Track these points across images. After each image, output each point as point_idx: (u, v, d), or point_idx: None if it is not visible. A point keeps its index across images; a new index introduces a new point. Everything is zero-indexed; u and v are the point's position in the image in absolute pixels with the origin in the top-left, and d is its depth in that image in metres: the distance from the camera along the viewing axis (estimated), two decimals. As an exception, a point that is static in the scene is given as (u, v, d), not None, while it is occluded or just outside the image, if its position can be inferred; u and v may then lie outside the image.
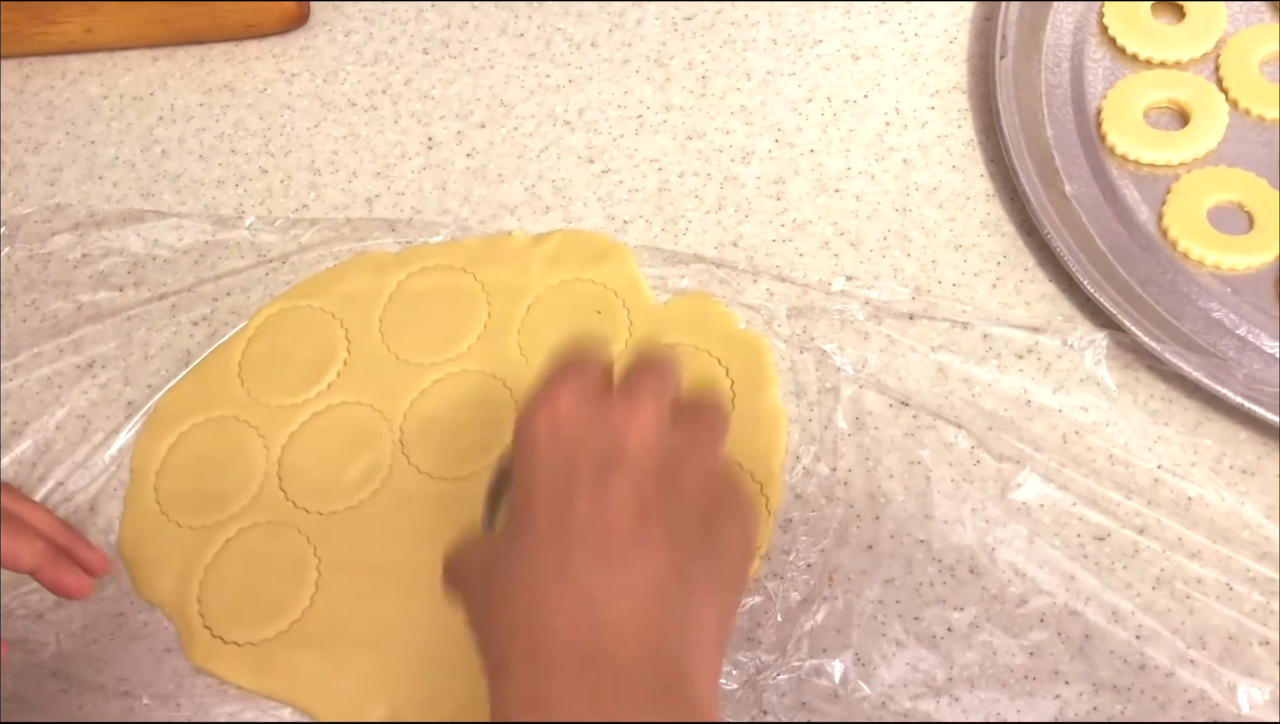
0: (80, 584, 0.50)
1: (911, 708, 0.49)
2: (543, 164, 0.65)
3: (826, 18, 0.68)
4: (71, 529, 0.51)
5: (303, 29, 0.71)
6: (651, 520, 0.37)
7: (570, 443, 0.39)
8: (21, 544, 0.48)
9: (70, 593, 0.49)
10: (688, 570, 0.37)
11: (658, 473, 0.38)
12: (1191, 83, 0.61)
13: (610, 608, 0.36)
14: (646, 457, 0.38)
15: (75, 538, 0.51)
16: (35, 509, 0.50)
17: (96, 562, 0.51)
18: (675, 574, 0.37)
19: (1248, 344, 0.55)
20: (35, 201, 0.66)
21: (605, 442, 0.39)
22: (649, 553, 0.37)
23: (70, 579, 0.49)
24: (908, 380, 0.56)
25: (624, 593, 0.36)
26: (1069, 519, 0.52)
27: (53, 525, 0.50)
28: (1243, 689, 0.48)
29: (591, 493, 0.38)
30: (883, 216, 0.61)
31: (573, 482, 0.38)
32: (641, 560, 0.37)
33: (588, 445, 0.39)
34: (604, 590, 0.36)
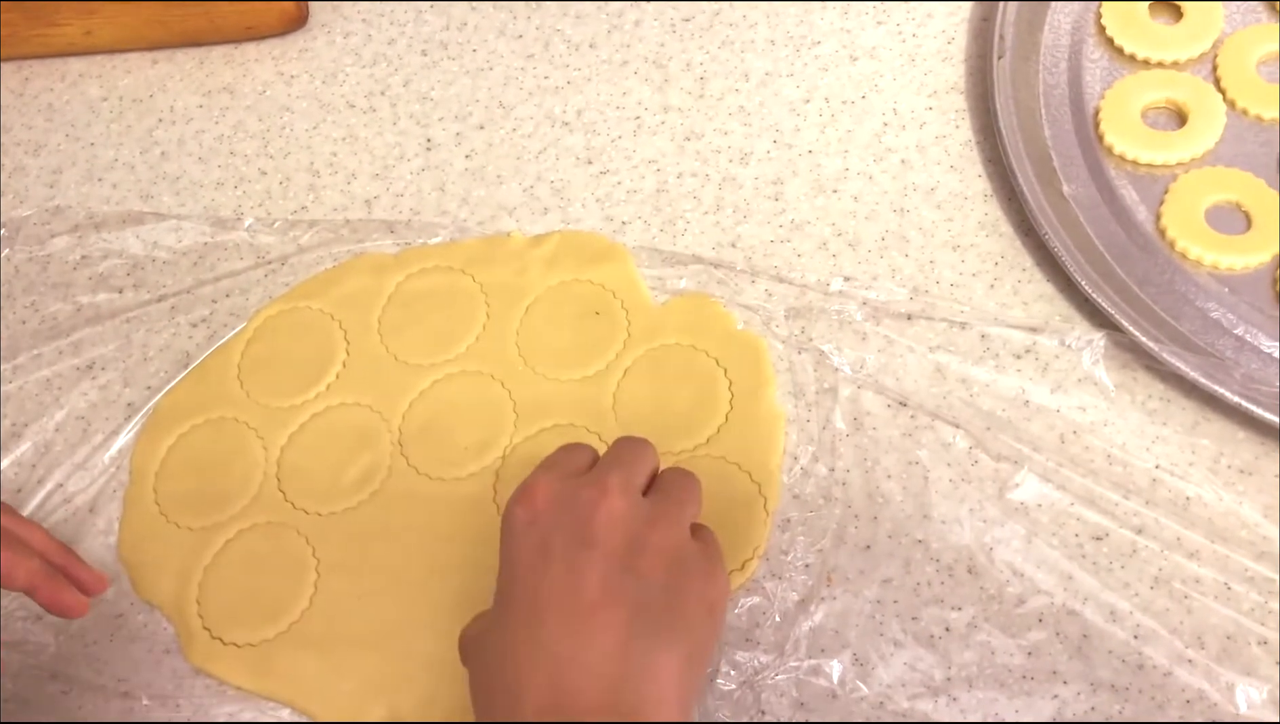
0: (76, 603, 0.50)
1: (909, 708, 0.49)
2: (541, 165, 0.65)
3: (824, 19, 0.68)
4: (68, 548, 0.52)
5: (302, 31, 0.71)
6: (615, 592, 0.42)
7: (546, 525, 0.44)
8: (18, 562, 0.49)
9: (66, 612, 0.50)
10: (648, 634, 0.41)
11: (623, 549, 0.43)
12: (1189, 83, 0.61)
13: (573, 670, 0.40)
14: (613, 535, 0.43)
15: (71, 557, 0.51)
16: (32, 528, 0.51)
17: (92, 581, 0.52)
18: (635, 637, 0.41)
19: (1245, 344, 0.55)
20: (35, 204, 0.66)
21: (576, 523, 0.44)
22: (611, 619, 0.41)
23: (66, 597, 0.50)
24: (906, 381, 0.56)
25: (586, 656, 0.41)
26: (1067, 519, 0.52)
27: (49, 544, 0.51)
28: (1241, 689, 0.48)
29: (563, 569, 0.42)
30: (881, 217, 0.61)
31: (547, 559, 0.43)
32: (604, 627, 0.41)
33: (561, 526, 0.44)
34: (568, 654, 0.41)
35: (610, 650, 0.41)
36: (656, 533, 0.44)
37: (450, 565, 0.53)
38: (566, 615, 0.41)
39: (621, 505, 0.44)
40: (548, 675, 0.41)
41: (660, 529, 0.44)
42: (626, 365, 0.58)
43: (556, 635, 0.41)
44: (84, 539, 0.56)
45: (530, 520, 0.44)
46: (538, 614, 0.42)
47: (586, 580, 0.42)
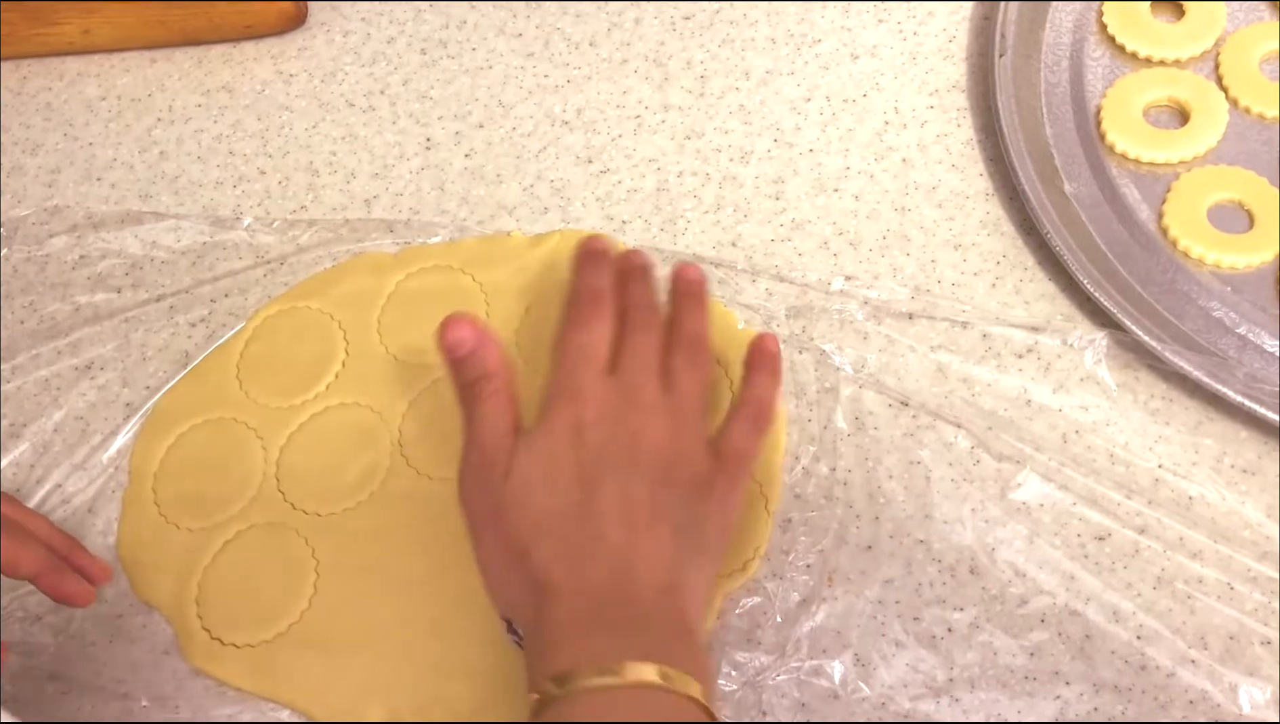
0: (81, 591, 0.51)
1: (911, 709, 0.49)
2: (541, 164, 0.64)
3: (825, 17, 0.67)
4: (71, 537, 0.52)
5: (301, 30, 0.71)
6: (661, 510, 0.46)
7: (595, 438, 0.47)
8: (22, 551, 0.49)
9: (71, 600, 0.51)
10: (686, 546, 0.46)
11: (663, 468, 0.47)
12: (1191, 81, 0.61)
13: (633, 565, 0.45)
14: (657, 458, 0.47)
15: (75, 546, 0.52)
16: (35, 517, 0.51)
17: (97, 569, 0.52)
18: (678, 544, 0.46)
19: (1248, 343, 0.55)
20: (33, 203, 0.66)
21: (624, 442, 0.47)
22: (661, 535, 0.46)
23: (71, 586, 0.50)
24: (907, 380, 0.56)
25: (643, 555, 0.45)
26: (1069, 519, 0.52)
27: (52, 533, 0.51)
28: (1244, 689, 0.48)
29: (615, 489, 0.46)
30: (882, 216, 0.60)
31: (600, 474, 0.46)
32: (657, 541, 0.45)
33: (610, 443, 0.47)
34: (627, 552, 0.45)
35: (660, 561, 0.45)
36: (686, 454, 0.48)
37: (450, 566, 0.53)
38: (622, 529, 0.45)
39: (662, 428, 0.48)
40: (610, 572, 0.44)
41: (689, 452, 0.48)
42: (627, 365, 0.57)
43: (614, 542, 0.45)
44: (83, 540, 0.56)
45: (578, 428, 0.47)
46: (596, 520, 0.45)
47: (638, 500, 0.46)
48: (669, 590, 0.45)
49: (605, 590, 0.44)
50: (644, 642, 0.43)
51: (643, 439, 0.47)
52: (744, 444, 0.49)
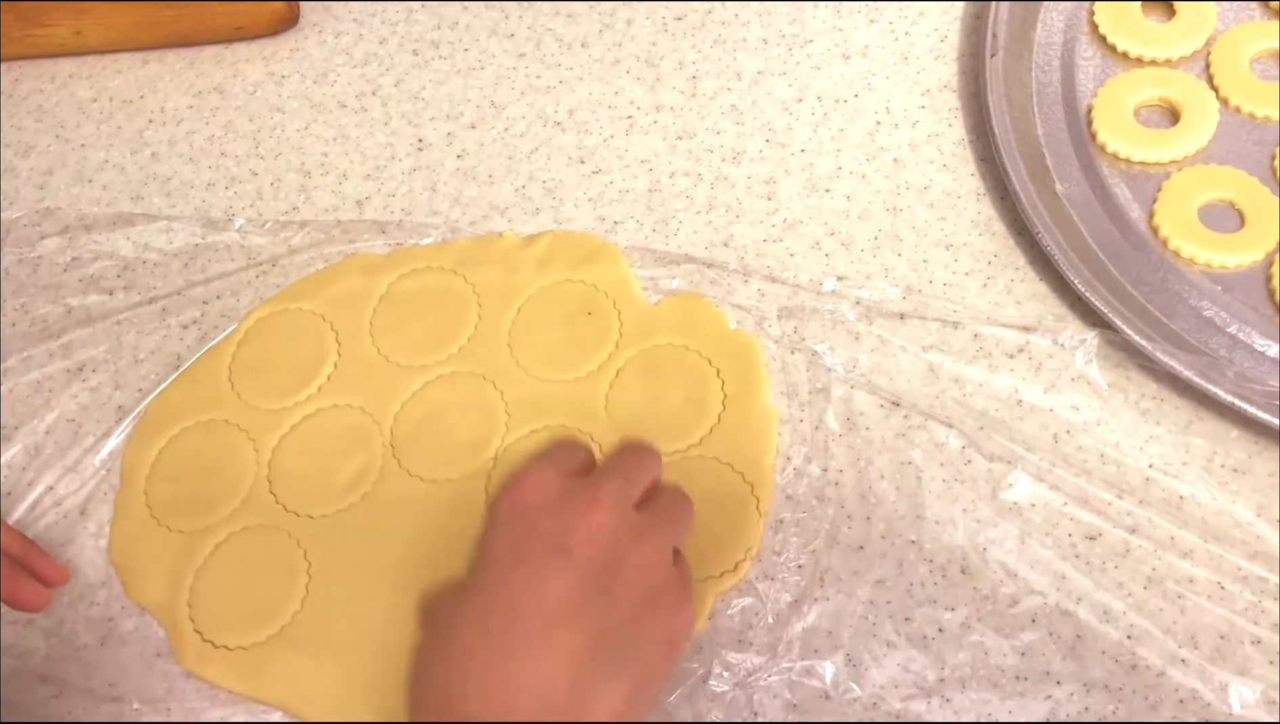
0: (35, 597, 0.50)
1: (903, 709, 0.49)
2: (533, 165, 0.64)
3: (817, 17, 0.67)
4: (27, 540, 0.52)
5: (292, 31, 0.71)
6: (579, 610, 0.41)
7: (528, 523, 0.43)
8: None
9: (26, 606, 0.50)
10: (602, 663, 0.40)
11: (600, 564, 0.42)
12: (1182, 81, 0.61)
13: (516, 689, 0.40)
14: (593, 548, 0.42)
15: (31, 549, 0.51)
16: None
17: (53, 573, 0.52)
18: (587, 666, 0.40)
19: (1239, 342, 0.55)
20: (25, 205, 0.66)
21: (559, 528, 0.42)
22: (567, 641, 0.40)
23: (24, 592, 0.50)
24: (899, 380, 0.56)
25: (532, 676, 0.40)
26: (1060, 519, 0.52)
27: (11, 539, 0.50)
28: (1234, 689, 0.48)
29: (533, 574, 0.41)
30: (873, 216, 0.61)
31: (520, 559, 0.42)
32: (558, 647, 0.40)
33: (543, 528, 0.42)
34: (516, 670, 0.40)
35: (560, 675, 0.40)
36: (638, 554, 0.43)
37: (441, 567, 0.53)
38: (525, 627, 0.40)
39: (609, 519, 0.43)
40: (490, 689, 0.40)
41: (643, 551, 0.43)
42: (619, 366, 0.57)
43: (509, 646, 0.40)
44: (74, 542, 0.56)
45: (514, 515, 0.43)
46: (497, 615, 0.41)
47: (553, 592, 0.41)
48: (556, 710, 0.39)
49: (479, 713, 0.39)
50: None
51: (582, 526, 0.42)
52: None
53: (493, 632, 0.40)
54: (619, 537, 0.43)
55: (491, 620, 0.41)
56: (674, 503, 0.47)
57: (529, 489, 0.44)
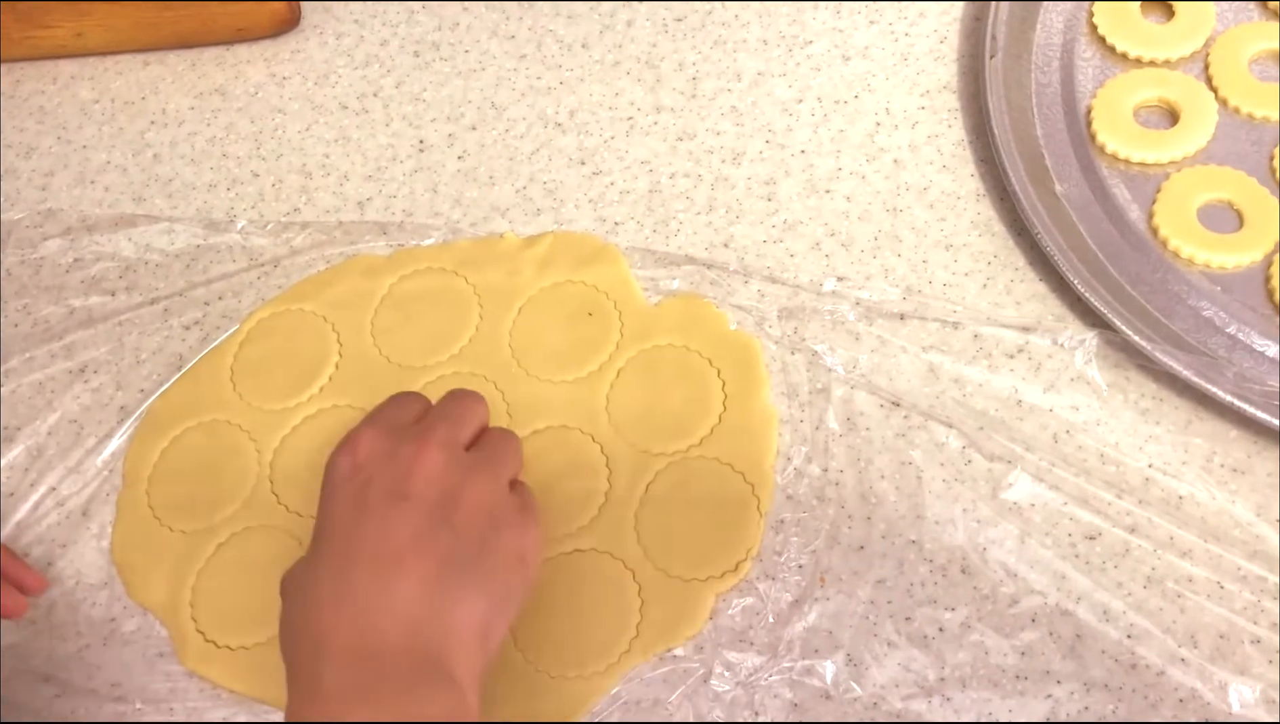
0: (14, 605, 0.51)
1: (903, 708, 0.49)
2: (534, 166, 0.65)
3: (817, 18, 0.68)
4: (6, 549, 0.52)
5: (293, 32, 0.71)
6: (426, 543, 0.44)
7: (365, 476, 0.46)
8: None
9: (5, 613, 0.51)
10: (454, 582, 0.43)
11: (438, 502, 0.45)
12: (1181, 81, 0.61)
13: (377, 614, 0.42)
14: (429, 489, 0.45)
15: (9, 556, 0.52)
16: None
17: (32, 582, 0.53)
18: (440, 584, 0.43)
19: (1238, 342, 0.55)
20: (27, 206, 0.66)
21: (395, 476, 0.45)
22: (418, 568, 0.43)
23: (6, 600, 0.51)
24: (899, 381, 0.56)
25: (391, 601, 0.43)
26: (1060, 519, 0.52)
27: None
28: (1234, 688, 0.48)
29: (377, 520, 0.44)
30: (873, 217, 0.61)
31: (363, 509, 0.45)
32: (410, 575, 0.43)
33: (380, 478, 0.45)
34: (375, 598, 0.43)
35: (414, 596, 0.43)
36: (472, 487, 0.46)
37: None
38: (375, 564, 0.43)
39: (440, 460, 0.46)
40: (352, 619, 0.42)
41: (477, 483, 0.46)
42: (619, 366, 0.58)
43: (364, 582, 0.43)
44: (77, 543, 0.56)
45: (351, 471, 0.46)
46: (349, 560, 0.43)
47: (398, 532, 0.44)
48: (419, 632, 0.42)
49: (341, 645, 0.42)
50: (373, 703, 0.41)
51: (418, 470, 0.45)
52: None
53: (346, 573, 0.43)
54: (452, 474, 0.46)
55: (344, 565, 0.43)
56: (500, 440, 0.50)
57: (362, 446, 0.47)
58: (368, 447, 0.47)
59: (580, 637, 0.51)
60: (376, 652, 0.42)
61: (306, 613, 0.44)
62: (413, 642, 0.42)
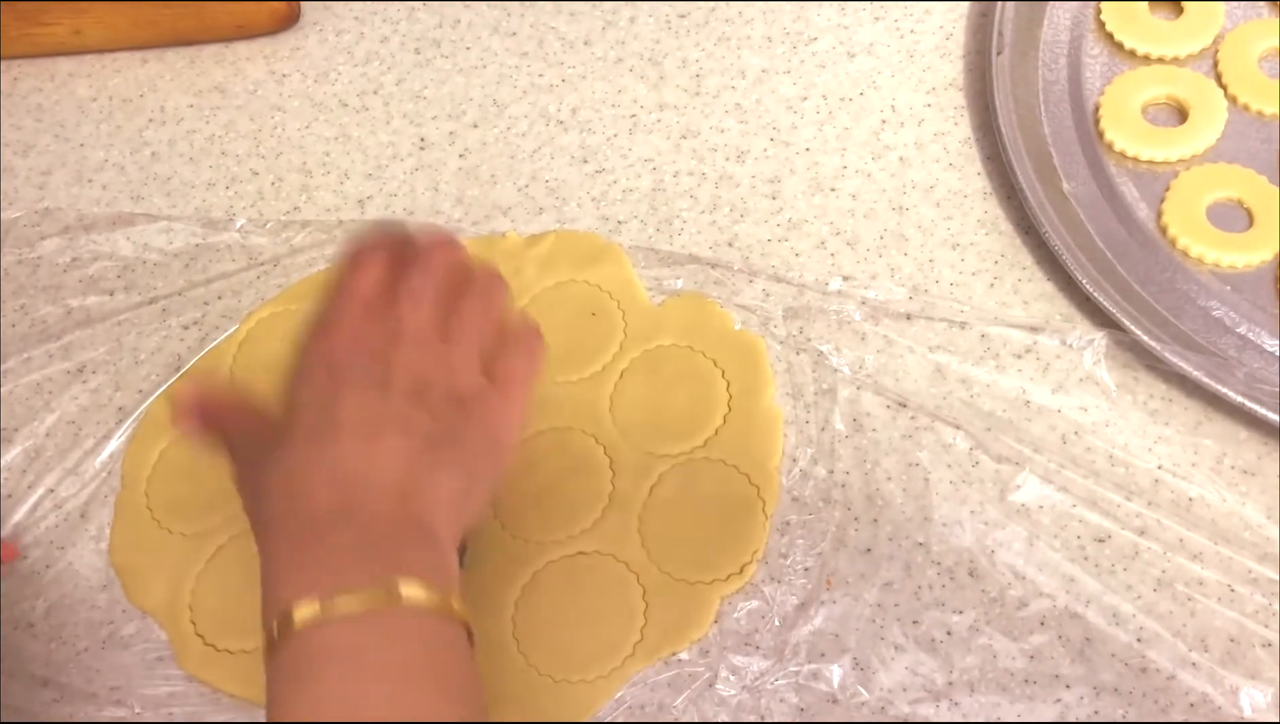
0: None
1: (911, 712, 0.49)
2: (536, 164, 0.64)
3: (822, 15, 0.67)
4: None
5: (293, 29, 0.70)
6: (406, 422, 0.44)
7: (342, 365, 0.45)
8: None
9: None
10: (432, 457, 0.44)
11: (413, 391, 0.45)
12: (1190, 79, 0.61)
13: (365, 474, 0.43)
14: (406, 378, 0.45)
15: None
16: None
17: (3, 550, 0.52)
18: (422, 457, 0.44)
19: (1248, 342, 0.54)
20: (24, 205, 0.66)
21: (373, 366, 0.45)
22: (399, 445, 0.43)
23: None
24: (905, 381, 0.55)
25: (375, 472, 0.43)
26: (1069, 521, 0.52)
27: None
28: (1245, 692, 0.48)
29: (356, 399, 0.44)
30: (879, 215, 0.60)
31: (342, 389, 0.44)
32: (392, 451, 0.43)
33: (357, 369, 0.45)
34: (360, 462, 0.43)
35: (398, 465, 0.43)
36: (444, 375, 0.46)
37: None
38: (358, 441, 0.43)
39: (418, 351, 0.46)
40: (336, 486, 0.42)
41: (448, 370, 0.46)
42: (623, 367, 0.57)
43: (349, 448, 0.43)
44: (75, 545, 0.56)
45: (328, 358, 0.46)
46: (330, 438, 0.43)
47: (378, 410, 0.44)
48: (405, 497, 0.43)
49: (327, 508, 0.42)
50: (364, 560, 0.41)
51: (394, 361, 0.45)
52: (515, 366, 0.48)
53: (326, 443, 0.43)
54: (425, 362, 0.46)
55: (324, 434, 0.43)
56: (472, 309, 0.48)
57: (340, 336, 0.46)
58: (345, 336, 0.46)
59: (584, 640, 0.51)
60: (366, 509, 0.42)
61: (288, 482, 0.43)
62: (397, 507, 0.43)
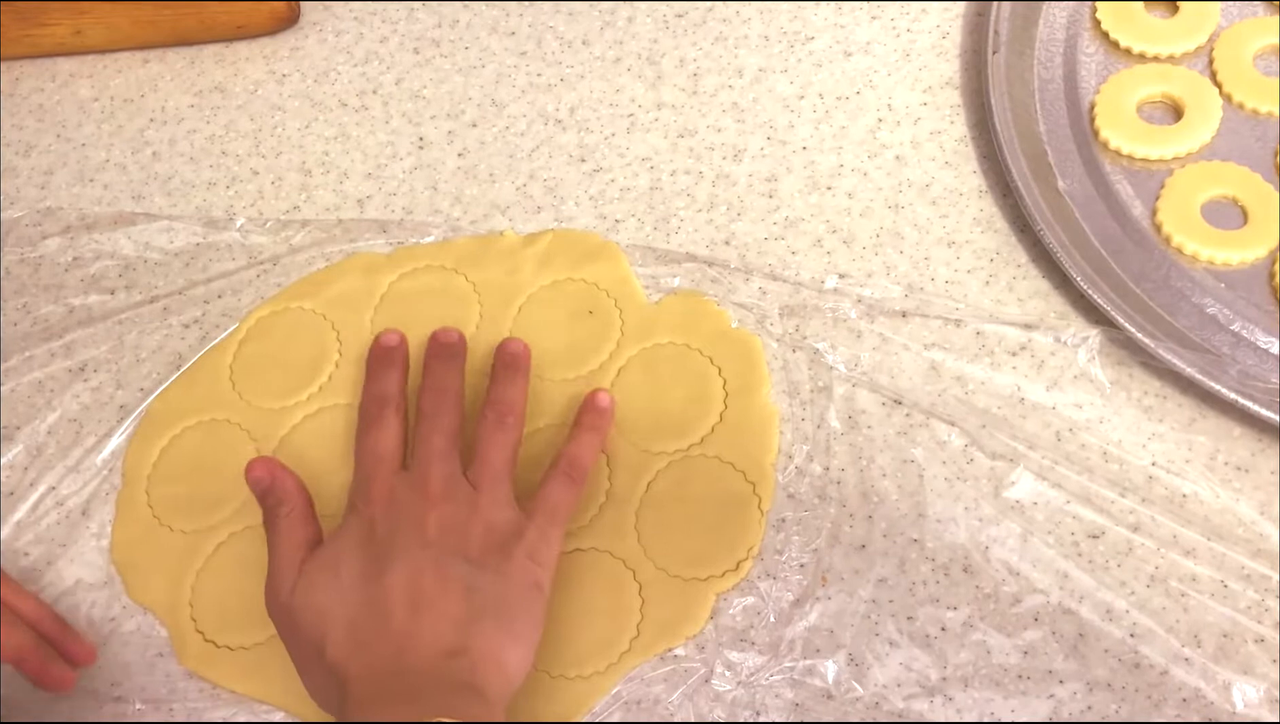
0: (62, 678, 0.51)
1: (905, 708, 0.49)
2: (534, 163, 0.64)
3: (818, 14, 0.67)
4: (60, 618, 0.53)
5: (293, 29, 0.70)
6: (451, 580, 0.47)
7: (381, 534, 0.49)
8: (9, 633, 0.50)
9: (50, 687, 0.51)
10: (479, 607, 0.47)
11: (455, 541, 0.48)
12: (1185, 77, 0.61)
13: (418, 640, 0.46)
14: (445, 530, 0.48)
15: (64, 627, 0.53)
16: (25, 597, 0.52)
17: (82, 653, 0.53)
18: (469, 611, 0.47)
19: (1242, 340, 0.54)
20: (26, 205, 0.66)
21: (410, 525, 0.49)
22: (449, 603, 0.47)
23: (54, 672, 0.51)
24: (900, 379, 0.56)
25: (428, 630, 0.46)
26: (1063, 517, 0.52)
27: (41, 613, 0.52)
28: (1237, 687, 0.48)
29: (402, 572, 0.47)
30: (875, 214, 0.60)
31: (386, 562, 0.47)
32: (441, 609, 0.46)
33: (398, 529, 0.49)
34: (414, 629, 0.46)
35: (448, 627, 0.46)
36: (482, 521, 0.49)
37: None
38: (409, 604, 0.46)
39: (451, 506, 0.49)
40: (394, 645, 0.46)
41: (486, 515, 0.49)
42: (620, 364, 0.57)
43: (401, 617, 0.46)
44: (76, 542, 0.56)
45: (369, 527, 0.49)
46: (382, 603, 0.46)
47: (425, 577, 0.47)
48: (454, 653, 0.46)
49: (389, 667, 0.45)
50: (419, 707, 0.43)
51: (429, 521, 0.49)
52: (556, 499, 0.51)
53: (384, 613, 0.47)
54: (461, 512, 0.49)
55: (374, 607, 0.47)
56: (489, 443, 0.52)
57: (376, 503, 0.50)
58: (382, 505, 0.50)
59: (581, 636, 0.51)
60: (408, 671, 0.45)
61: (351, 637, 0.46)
62: (444, 671, 0.45)
